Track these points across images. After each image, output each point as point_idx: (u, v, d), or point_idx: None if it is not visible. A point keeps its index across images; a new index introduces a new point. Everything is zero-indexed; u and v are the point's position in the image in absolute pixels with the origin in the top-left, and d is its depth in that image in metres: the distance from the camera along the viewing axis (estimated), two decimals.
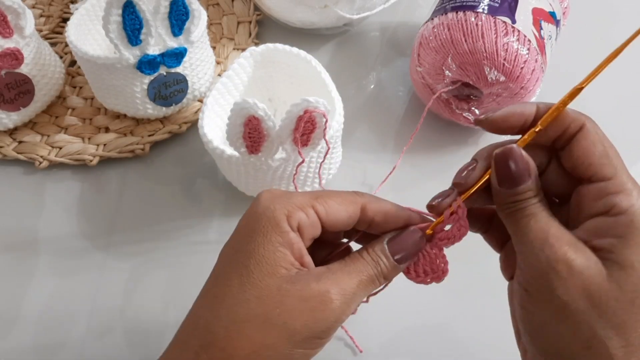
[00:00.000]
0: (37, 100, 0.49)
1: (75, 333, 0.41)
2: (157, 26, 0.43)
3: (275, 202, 0.27)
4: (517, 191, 0.26)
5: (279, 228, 0.27)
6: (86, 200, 0.47)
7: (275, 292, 0.26)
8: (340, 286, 0.26)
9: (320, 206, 0.28)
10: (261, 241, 0.26)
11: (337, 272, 0.27)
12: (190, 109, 0.52)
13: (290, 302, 0.26)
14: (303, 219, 0.27)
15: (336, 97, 0.42)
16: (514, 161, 0.26)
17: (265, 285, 0.26)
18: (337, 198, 0.28)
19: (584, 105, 0.56)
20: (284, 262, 0.26)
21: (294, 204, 0.27)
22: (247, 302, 0.26)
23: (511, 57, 0.43)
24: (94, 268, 0.44)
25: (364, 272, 0.27)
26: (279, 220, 0.27)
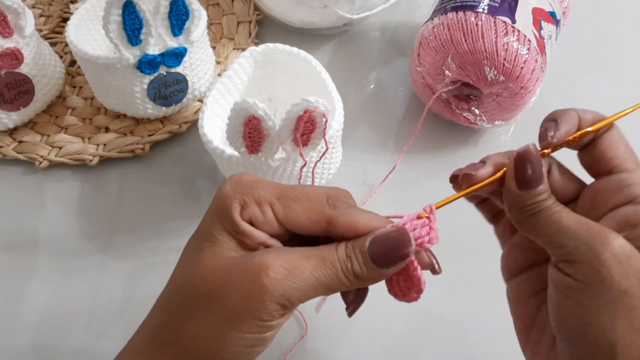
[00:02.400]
0: (37, 100, 0.49)
1: (75, 333, 0.41)
2: (157, 26, 0.43)
3: (235, 189, 0.26)
4: (537, 192, 0.25)
5: (230, 217, 0.26)
6: (86, 200, 0.47)
7: (220, 271, 0.25)
8: (287, 264, 0.24)
9: (280, 207, 0.26)
10: (215, 226, 0.26)
11: (293, 252, 0.25)
12: (190, 109, 0.52)
13: (230, 277, 0.24)
14: (256, 214, 0.26)
15: (336, 97, 0.42)
16: (532, 163, 0.26)
17: (211, 264, 0.25)
18: (302, 203, 0.26)
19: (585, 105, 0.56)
20: (237, 247, 0.26)
21: (252, 197, 0.26)
22: (194, 281, 0.25)
23: (511, 57, 0.43)
24: (94, 268, 0.44)
25: (326, 260, 0.25)
26: (232, 210, 0.26)
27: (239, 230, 0.26)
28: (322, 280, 0.25)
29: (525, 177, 0.26)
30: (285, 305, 0.24)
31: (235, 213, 0.26)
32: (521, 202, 0.26)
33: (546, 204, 0.25)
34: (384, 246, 0.25)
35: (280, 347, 0.40)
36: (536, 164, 0.26)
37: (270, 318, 0.24)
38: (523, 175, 0.26)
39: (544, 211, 0.25)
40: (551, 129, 0.27)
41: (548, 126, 0.27)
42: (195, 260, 0.26)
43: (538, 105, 0.49)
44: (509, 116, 0.47)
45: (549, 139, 0.27)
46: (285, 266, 0.24)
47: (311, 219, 0.26)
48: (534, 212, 0.25)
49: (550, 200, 0.26)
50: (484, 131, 0.52)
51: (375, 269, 0.25)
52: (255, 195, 0.26)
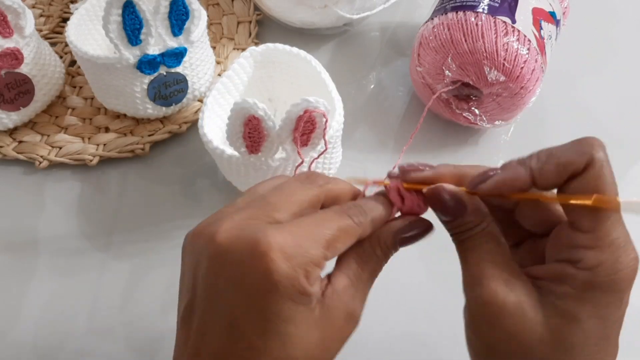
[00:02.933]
0: (37, 100, 0.49)
1: (75, 333, 0.41)
2: (157, 26, 0.43)
3: (291, 262, 0.23)
4: (454, 224, 0.26)
5: (305, 295, 0.23)
6: (86, 200, 0.47)
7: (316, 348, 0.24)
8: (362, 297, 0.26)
9: (330, 254, 0.25)
10: (290, 306, 0.23)
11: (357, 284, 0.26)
12: (190, 109, 0.52)
13: (321, 340, 0.24)
14: (319, 275, 0.24)
15: (336, 97, 0.42)
16: (444, 201, 0.26)
17: (309, 346, 0.24)
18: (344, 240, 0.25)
19: (585, 105, 0.56)
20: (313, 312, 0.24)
21: (311, 261, 0.23)
22: None
23: (511, 57, 0.43)
24: (94, 268, 0.44)
25: (376, 268, 0.26)
26: (302, 285, 0.23)
27: (311, 296, 0.24)
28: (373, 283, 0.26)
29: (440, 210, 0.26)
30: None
31: (306, 287, 0.23)
32: (447, 227, 0.27)
33: (464, 235, 0.26)
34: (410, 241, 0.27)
35: None
36: (446, 203, 0.26)
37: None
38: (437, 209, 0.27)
39: (460, 243, 0.26)
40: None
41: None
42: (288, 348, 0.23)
43: (538, 105, 0.49)
44: (509, 116, 0.47)
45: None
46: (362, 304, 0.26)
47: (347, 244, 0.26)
48: (457, 240, 0.26)
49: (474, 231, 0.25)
50: (484, 131, 0.52)
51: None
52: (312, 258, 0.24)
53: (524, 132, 0.51)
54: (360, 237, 0.26)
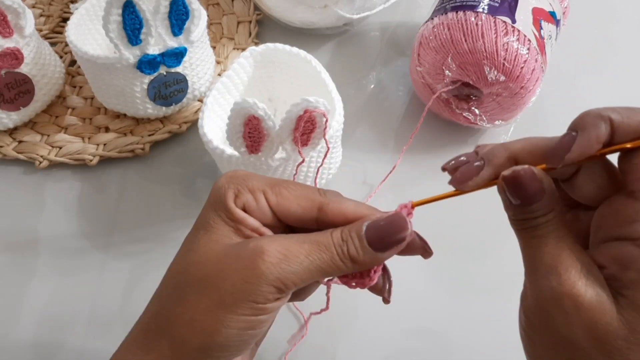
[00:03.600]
0: (37, 100, 0.49)
1: (75, 333, 0.41)
2: (157, 26, 0.43)
3: (230, 181, 0.27)
4: (528, 209, 0.24)
5: (224, 205, 0.26)
6: (86, 200, 0.47)
7: (214, 256, 0.25)
8: (281, 248, 0.25)
9: (272, 195, 0.27)
10: (211, 215, 0.27)
11: (288, 237, 0.26)
12: (190, 108, 0.52)
13: (225, 262, 0.25)
14: (250, 201, 0.27)
15: (336, 97, 0.42)
16: (523, 186, 0.23)
17: (207, 250, 0.26)
18: (294, 191, 0.27)
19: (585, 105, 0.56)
20: (233, 234, 0.26)
21: (246, 186, 0.27)
22: (188, 268, 0.26)
23: (511, 57, 0.43)
24: (94, 268, 0.44)
25: (321, 245, 0.25)
26: (227, 197, 0.27)
27: (232, 217, 0.26)
28: (317, 263, 0.25)
29: (515, 195, 0.24)
30: (280, 288, 0.25)
31: (229, 201, 0.27)
32: (513, 214, 0.25)
33: (534, 222, 0.24)
34: (380, 230, 0.26)
35: (280, 347, 0.40)
36: (526, 187, 0.23)
37: (265, 301, 0.25)
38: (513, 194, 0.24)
39: (529, 231, 0.24)
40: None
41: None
42: (190, 248, 0.27)
43: (538, 105, 0.49)
44: (509, 116, 0.47)
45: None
46: (280, 250, 0.25)
47: (302, 206, 0.27)
48: (523, 228, 0.24)
49: (545, 218, 0.24)
50: (484, 131, 0.52)
51: (371, 252, 0.26)
52: (248, 184, 0.27)
53: (524, 132, 0.51)
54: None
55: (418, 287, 0.42)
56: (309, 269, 0.25)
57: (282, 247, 0.25)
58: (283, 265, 0.24)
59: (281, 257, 0.25)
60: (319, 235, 0.26)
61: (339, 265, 0.26)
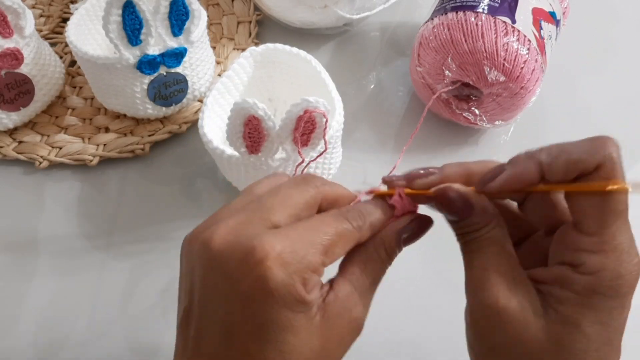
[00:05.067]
0: (37, 100, 0.49)
1: (75, 333, 0.41)
2: (157, 26, 0.43)
3: (288, 269, 0.22)
4: (461, 225, 0.25)
5: (302, 300, 0.23)
6: (86, 200, 0.47)
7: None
8: (366, 302, 0.25)
9: (328, 260, 0.24)
10: (287, 315, 0.23)
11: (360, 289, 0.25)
12: (190, 109, 0.52)
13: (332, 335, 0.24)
14: (317, 282, 0.24)
15: (336, 97, 0.42)
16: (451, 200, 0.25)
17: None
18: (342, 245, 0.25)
19: (585, 105, 0.56)
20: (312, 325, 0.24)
21: (308, 267, 0.23)
22: None
23: (511, 57, 0.43)
24: (94, 268, 0.44)
25: (381, 272, 0.26)
26: (299, 292, 0.23)
27: (310, 306, 0.23)
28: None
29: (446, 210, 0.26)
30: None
31: (305, 296, 0.23)
32: (453, 228, 0.26)
33: (470, 237, 0.25)
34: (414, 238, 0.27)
35: None
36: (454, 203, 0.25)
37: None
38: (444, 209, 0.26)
39: (466, 244, 0.26)
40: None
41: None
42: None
43: (538, 106, 0.49)
44: (509, 116, 0.47)
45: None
46: (366, 308, 0.26)
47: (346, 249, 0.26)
48: (462, 241, 0.26)
49: (480, 232, 0.25)
50: (484, 131, 0.52)
51: None
52: (309, 265, 0.23)
53: (524, 132, 0.51)
54: (359, 241, 0.26)
55: (418, 286, 0.42)
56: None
57: (365, 304, 0.25)
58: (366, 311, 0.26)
59: (365, 311, 0.25)
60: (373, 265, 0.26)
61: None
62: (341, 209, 0.26)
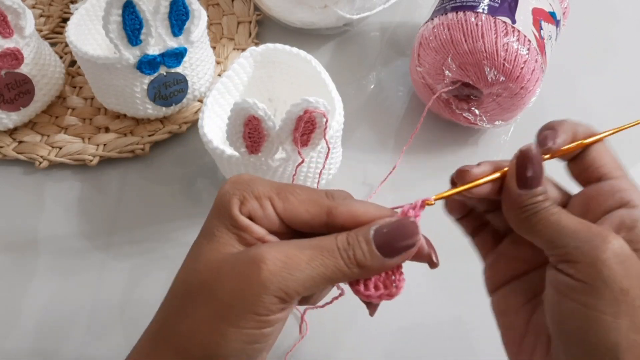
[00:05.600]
0: (37, 100, 0.49)
1: (75, 333, 0.41)
2: (157, 26, 0.43)
3: (234, 187, 0.26)
4: (537, 192, 0.26)
5: (229, 212, 0.25)
6: (86, 200, 0.47)
7: (214, 265, 0.24)
8: (281, 255, 0.23)
9: (279, 201, 0.26)
10: (215, 223, 0.26)
11: (289, 243, 0.24)
12: (190, 109, 0.52)
13: (224, 270, 0.24)
14: (255, 208, 0.25)
15: (336, 97, 0.42)
16: (533, 162, 0.26)
17: (208, 258, 0.25)
18: (300, 196, 0.26)
19: (585, 105, 0.56)
20: (235, 242, 0.25)
21: (252, 192, 0.26)
22: (190, 277, 0.25)
23: (511, 57, 0.43)
24: (94, 268, 0.44)
25: (324, 250, 0.24)
26: (231, 205, 0.25)
27: (237, 225, 0.25)
28: (320, 270, 0.24)
29: (526, 176, 0.26)
30: (283, 298, 0.23)
31: (234, 208, 0.25)
32: (521, 202, 0.26)
33: (545, 204, 0.26)
34: (390, 234, 0.25)
35: (280, 348, 0.40)
36: (537, 164, 0.26)
37: (268, 312, 0.23)
38: (524, 174, 0.26)
39: (543, 211, 0.25)
40: (550, 138, 0.28)
41: (547, 134, 0.28)
42: (193, 257, 0.26)
43: (538, 106, 0.49)
44: (509, 116, 0.47)
45: (549, 146, 0.27)
46: (280, 258, 0.23)
47: (310, 211, 0.26)
48: (534, 212, 0.26)
49: (549, 202, 0.26)
50: (484, 131, 0.52)
51: (379, 257, 0.24)
52: (254, 190, 0.26)
53: (524, 132, 0.51)
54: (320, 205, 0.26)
55: (418, 286, 0.42)
56: (312, 276, 0.24)
57: (283, 254, 0.23)
58: (284, 274, 0.23)
59: (282, 264, 0.23)
60: (322, 240, 0.25)
61: (345, 271, 0.24)
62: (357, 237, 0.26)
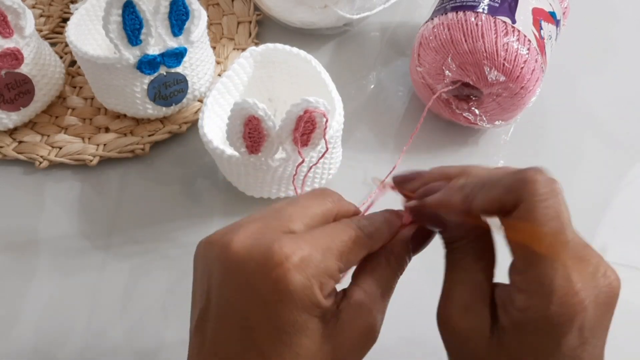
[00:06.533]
0: (37, 100, 0.49)
1: (75, 333, 0.41)
2: (157, 26, 0.43)
3: (306, 271, 0.23)
4: (442, 234, 0.27)
5: (318, 305, 0.23)
6: (86, 200, 0.47)
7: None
8: (380, 309, 0.26)
9: (343, 266, 0.25)
10: (304, 317, 0.23)
11: (373, 297, 0.26)
12: (190, 109, 0.52)
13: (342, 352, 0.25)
14: (333, 287, 0.25)
15: (336, 97, 0.42)
16: (426, 215, 0.28)
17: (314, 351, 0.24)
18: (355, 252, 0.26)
19: (585, 105, 0.56)
20: (320, 327, 0.24)
21: (325, 272, 0.24)
22: None
23: (511, 57, 0.43)
24: (94, 268, 0.44)
25: (391, 280, 0.27)
26: (318, 297, 0.23)
27: (325, 312, 0.24)
28: None
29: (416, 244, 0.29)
30: None
31: (322, 301, 0.24)
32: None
33: (449, 248, 0.27)
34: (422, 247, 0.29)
35: None
36: (427, 215, 0.28)
37: None
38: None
39: (447, 254, 0.27)
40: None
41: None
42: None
43: (538, 106, 0.49)
44: (509, 116, 0.47)
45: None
46: (381, 315, 0.27)
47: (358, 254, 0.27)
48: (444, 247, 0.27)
49: (453, 246, 0.27)
50: (484, 131, 0.52)
51: None
52: (327, 270, 0.24)
53: (524, 132, 0.51)
54: (371, 249, 0.27)
55: (417, 285, 0.42)
56: None
57: (380, 312, 0.27)
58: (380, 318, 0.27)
59: (380, 320, 0.27)
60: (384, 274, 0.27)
61: None
62: (352, 218, 0.27)
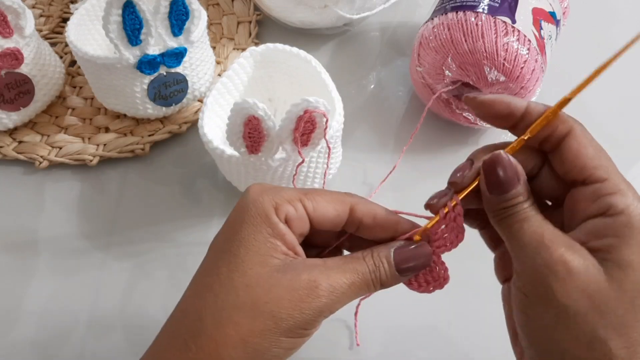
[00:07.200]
0: (37, 100, 0.49)
1: (75, 333, 0.41)
2: (157, 26, 0.43)
3: (264, 194, 0.27)
4: (507, 197, 0.26)
5: (268, 219, 0.27)
6: (86, 200, 0.47)
7: (264, 281, 0.26)
8: (331, 281, 0.26)
9: (309, 202, 0.28)
10: (251, 231, 0.27)
11: (332, 267, 0.27)
12: (190, 109, 0.52)
13: (279, 291, 0.26)
14: (291, 211, 0.27)
15: (336, 97, 0.42)
16: (502, 168, 0.26)
17: (254, 273, 0.26)
18: (326, 196, 0.28)
19: (585, 105, 0.56)
20: (274, 252, 0.27)
21: (283, 197, 0.27)
22: (236, 290, 0.26)
23: (511, 57, 0.43)
24: (94, 268, 0.44)
25: (359, 273, 0.27)
26: (268, 211, 0.27)
27: (276, 233, 0.27)
28: (355, 290, 0.27)
29: (493, 182, 0.26)
30: (327, 316, 0.27)
31: (272, 215, 0.27)
32: (492, 206, 0.27)
33: (515, 209, 0.26)
34: (407, 258, 0.28)
35: None
36: (507, 168, 0.26)
37: (313, 327, 0.27)
38: (491, 181, 0.26)
39: (510, 217, 0.26)
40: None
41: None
42: (234, 268, 0.26)
43: None
44: None
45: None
46: (330, 283, 0.26)
47: (337, 209, 0.28)
48: (504, 217, 0.26)
49: (523, 205, 0.26)
50: (484, 131, 0.52)
51: (397, 276, 0.28)
52: (284, 195, 0.28)
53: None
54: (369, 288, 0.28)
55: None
56: (350, 295, 0.27)
57: (331, 280, 0.26)
58: (333, 298, 0.26)
59: (331, 290, 0.26)
60: (355, 263, 0.28)
61: (370, 288, 0.28)
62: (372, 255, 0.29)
